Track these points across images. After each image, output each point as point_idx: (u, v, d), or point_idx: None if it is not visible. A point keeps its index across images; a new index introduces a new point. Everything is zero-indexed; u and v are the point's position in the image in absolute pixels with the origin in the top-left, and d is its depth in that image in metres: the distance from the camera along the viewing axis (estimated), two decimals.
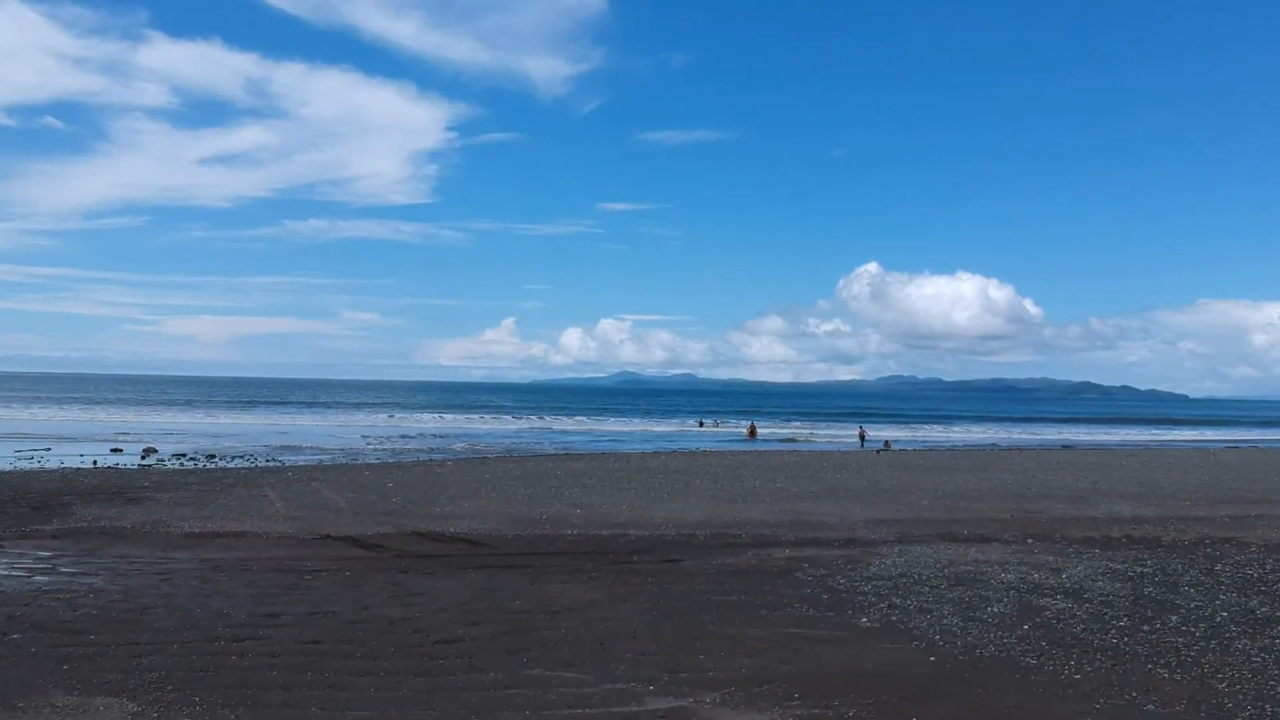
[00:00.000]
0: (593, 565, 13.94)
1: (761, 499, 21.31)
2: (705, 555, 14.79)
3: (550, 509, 19.22)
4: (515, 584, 12.48)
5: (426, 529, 16.97)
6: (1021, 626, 10.26)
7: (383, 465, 32.43)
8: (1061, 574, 13.38)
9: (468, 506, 19.54)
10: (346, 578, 12.89)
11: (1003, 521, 18.52)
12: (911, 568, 13.77)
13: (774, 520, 18.14)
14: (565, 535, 16.49)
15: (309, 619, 10.45)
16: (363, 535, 16.37)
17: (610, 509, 19.38)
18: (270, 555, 14.70)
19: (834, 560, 14.30)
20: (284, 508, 19.34)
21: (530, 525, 17.38)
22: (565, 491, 22.41)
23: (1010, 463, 35.86)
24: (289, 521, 17.73)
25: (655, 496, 21.49)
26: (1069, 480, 26.89)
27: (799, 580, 12.75)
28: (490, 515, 18.45)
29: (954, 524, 18.22)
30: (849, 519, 18.42)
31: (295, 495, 21.46)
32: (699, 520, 18.11)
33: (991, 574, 13.32)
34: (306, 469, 29.87)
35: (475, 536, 16.38)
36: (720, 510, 19.40)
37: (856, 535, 16.88)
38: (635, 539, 16.28)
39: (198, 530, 16.82)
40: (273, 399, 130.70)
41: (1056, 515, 19.36)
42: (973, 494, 22.74)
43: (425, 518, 18.13)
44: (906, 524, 18.11)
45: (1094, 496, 22.40)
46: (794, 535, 16.75)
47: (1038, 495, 22.49)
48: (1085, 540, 16.96)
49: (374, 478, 26.23)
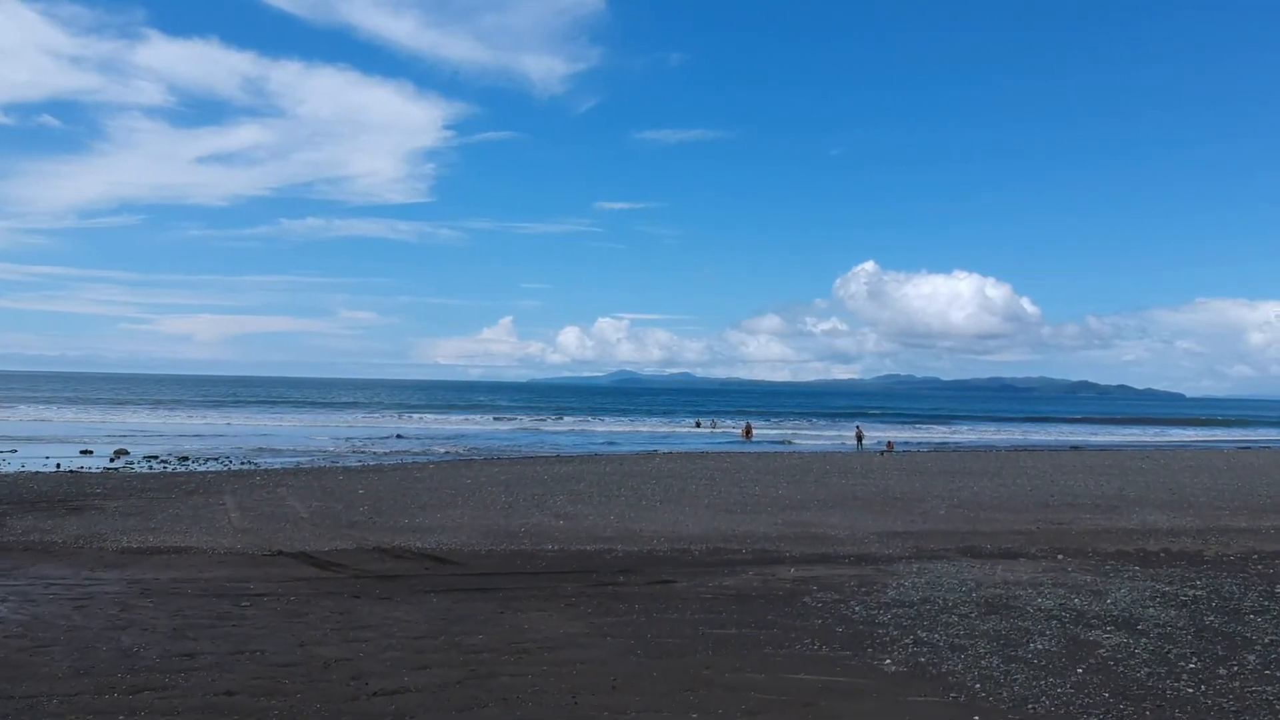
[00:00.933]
0: (573, 588, 12.37)
1: (762, 508, 19.74)
2: (700, 575, 13.23)
3: (530, 520, 17.64)
4: (482, 612, 10.91)
5: (391, 544, 15.38)
6: (1075, 670, 8.70)
7: (360, 469, 30.84)
8: (1105, 598, 11.83)
9: (440, 517, 17.95)
10: (289, 604, 11.32)
11: (1028, 534, 16.97)
12: (934, 590, 12.22)
13: (777, 533, 16.57)
14: (545, 551, 14.92)
15: (230, 660, 8.87)
16: (319, 551, 14.79)
17: (596, 520, 17.81)
18: (210, 576, 13.14)
19: (846, 582, 12.74)
20: (238, 518, 17.75)
21: (507, 539, 15.80)
22: (549, 499, 20.82)
23: (1023, 466, 34.33)
24: (240, 535, 16.14)
25: (646, 505, 19.91)
26: (1091, 486, 25.34)
27: (808, 608, 11.18)
28: (464, 527, 16.86)
29: (975, 536, 16.66)
30: (859, 531, 16.86)
31: (255, 504, 19.86)
32: (694, 533, 16.54)
33: (1026, 598, 11.77)
34: (277, 473, 28.27)
35: (444, 552, 14.81)
36: (717, 521, 17.82)
37: (869, 550, 15.33)
38: (623, 555, 14.72)
39: (136, 545, 15.23)
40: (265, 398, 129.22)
41: (1086, 526, 17.81)
42: (991, 502, 21.17)
43: (392, 530, 16.55)
44: (922, 537, 16.55)
45: (1123, 504, 20.85)
46: (799, 550, 15.19)
47: (1062, 503, 20.94)
48: (1120, 555, 15.43)
49: (346, 483, 24.64)
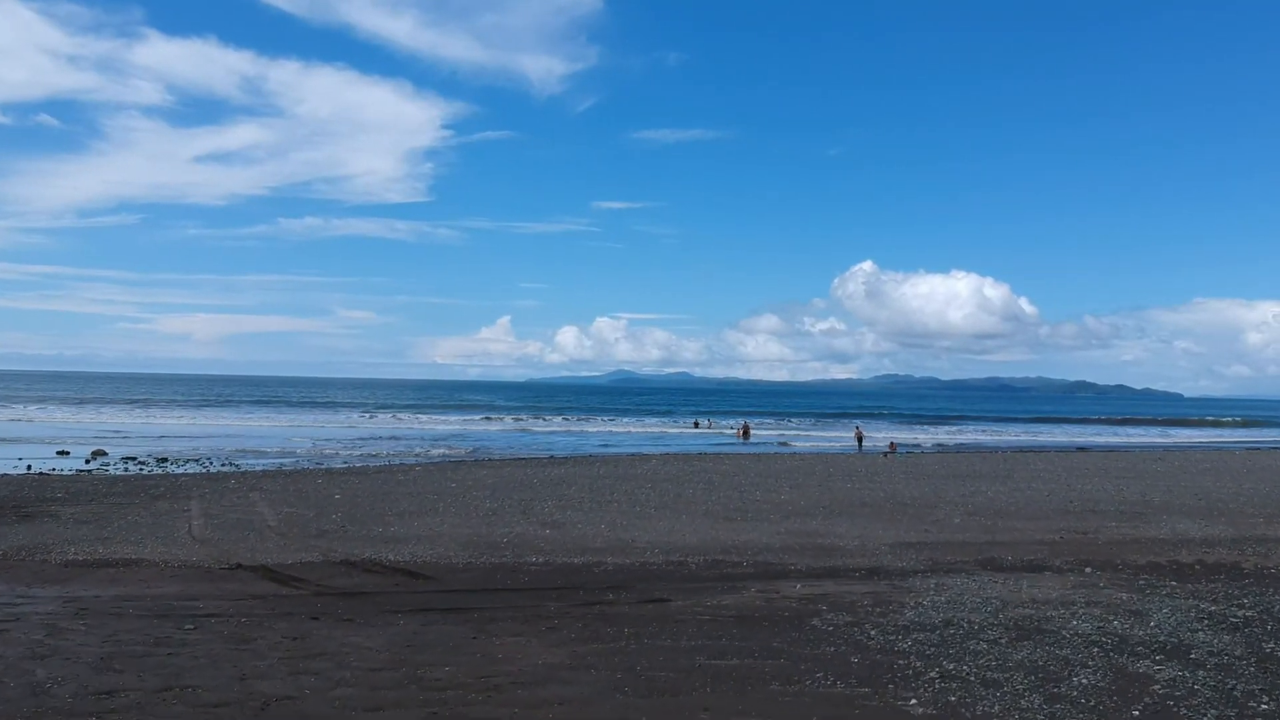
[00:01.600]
0: (556, 607, 11.25)
1: (764, 515, 18.61)
2: (698, 592, 12.11)
3: (515, 528, 16.50)
4: (452, 637, 9.78)
5: (361, 556, 14.24)
6: (1129, 712, 7.59)
7: (342, 472, 29.70)
8: (1147, 620, 10.72)
9: (418, 525, 16.81)
10: (238, 628, 10.19)
11: (1051, 544, 15.86)
12: (956, 611, 11.10)
13: (780, 543, 15.44)
14: (528, 564, 13.79)
15: (154, 700, 7.74)
16: (281, 565, 13.65)
17: (586, 529, 16.67)
18: (157, 593, 12.02)
19: (859, 600, 11.62)
20: (201, 526, 16.60)
21: (488, 551, 14.66)
22: (537, 505, 19.69)
23: (1035, 469, 33.23)
24: (199, 545, 15.00)
25: (640, 512, 18.78)
26: (1112, 490, 24.24)
27: (818, 632, 10.06)
28: (442, 537, 15.73)
29: (994, 547, 15.55)
30: (870, 542, 15.74)
31: (222, 510, 18.72)
32: (691, 543, 15.41)
33: (1059, 620, 10.66)
34: (254, 476, 27.13)
35: (418, 566, 13.67)
36: (716, 530, 16.69)
37: (881, 563, 14.21)
38: (613, 569, 13.59)
39: (84, 558, 14.10)
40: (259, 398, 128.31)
41: (1112, 536, 16.70)
42: (1008, 508, 20.06)
43: (364, 540, 15.41)
44: (938, 548, 15.44)
45: (1149, 511, 19.74)
46: (806, 564, 14.07)
47: (1084, 510, 19.82)
48: (1153, 568, 14.34)
49: (324, 487, 23.51)
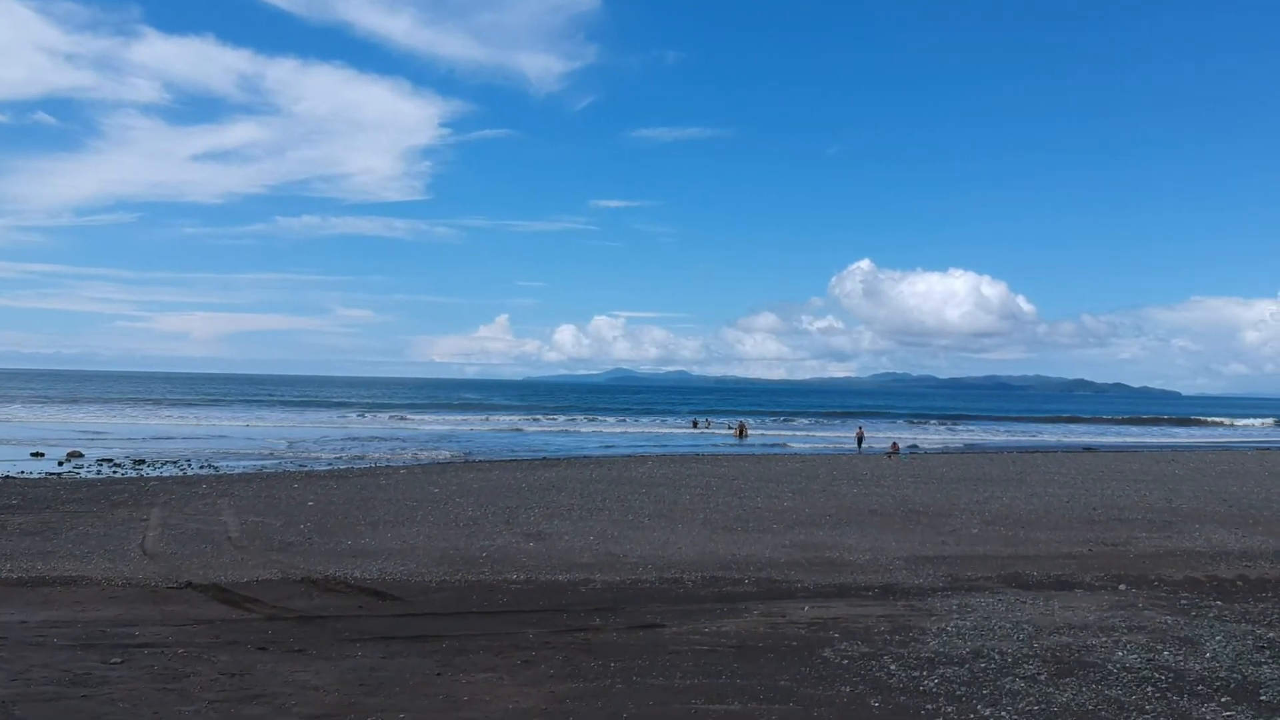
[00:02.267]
0: (536, 635, 10.09)
1: (767, 524, 17.45)
2: (694, 615, 10.95)
3: (496, 541, 15.33)
4: (415, 672, 8.62)
5: (325, 573, 13.06)
6: None
7: (323, 475, 28.51)
8: (1201, 650, 9.57)
9: (391, 537, 15.64)
10: (172, 661, 9.02)
11: (1079, 558, 14.71)
12: (985, 638, 9.95)
13: (786, 558, 14.28)
14: (508, 583, 12.61)
15: None
16: (235, 583, 12.48)
17: (574, 540, 15.50)
18: (92, 617, 10.85)
19: (874, 626, 10.46)
20: (155, 539, 15.42)
21: (465, 567, 13.49)
22: (522, 513, 18.51)
23: (1047, 471, 32.09)
24: (150, 561, 13.82)
25: (633, 521, 17.61)
26: (1134, 496, 23.08)
27: (830, 666, 8.89)
28: (416, 551, 14.55)
29: (1018, 561, 14.39)
30: (882, 555, 14.58)
31: (184, 519, 17.53)
32: (687, 558, 14.24)
33: (1101, 650, 9.50)
34: (228, 480, 25.94)
35: (387, 584, 12.50)
36: (715, 542, 15.53)
37: (896, 580, 13.06)
38: (601, 588, 12.42)
39: (18, 575, 12.94)
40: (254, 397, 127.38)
41: (1144, 548, 15.56)
42: (1028, 517, 18.90)
43: (330, 555, 14.23)
44: (957, 562, 14.28)
45: (1178, 520, 18.59)
46: (813, 581, 12.91)
47: (1108, 518, 18.67)
48: (1191, 584, 13.21)
49: (300, 492, 22.32)
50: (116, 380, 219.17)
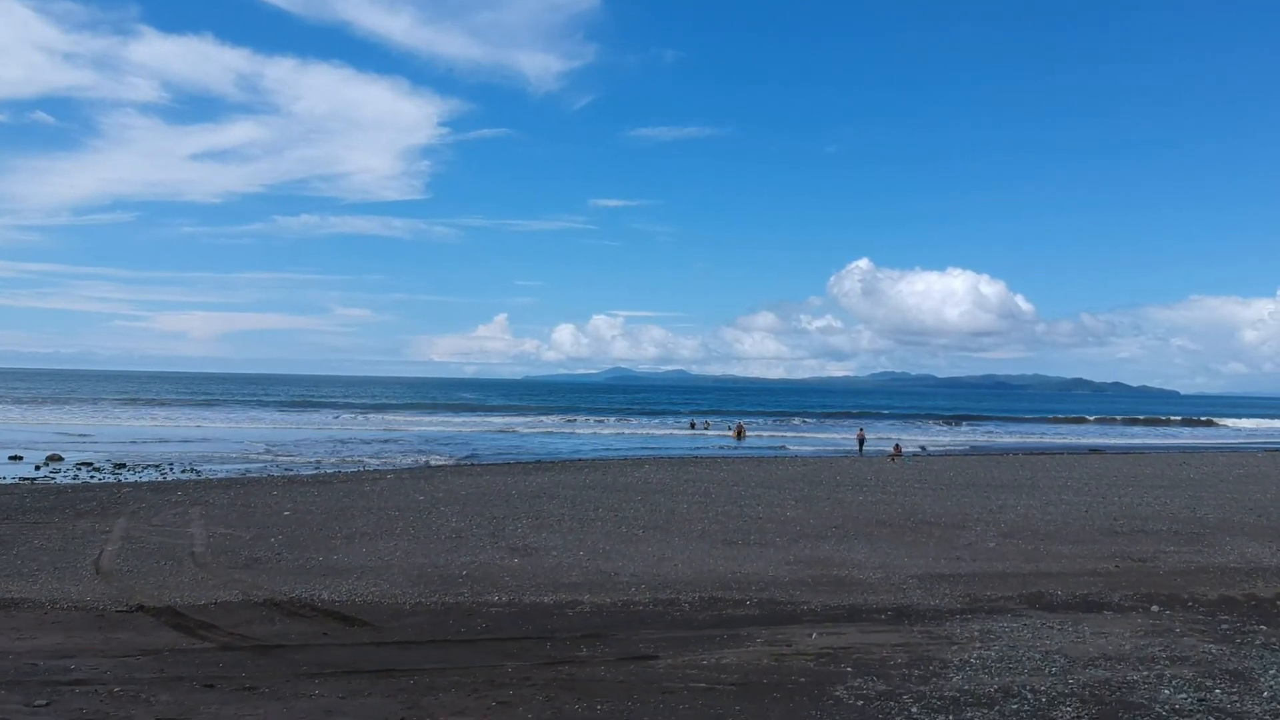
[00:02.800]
0: (515, 669, 9.14)
1: (769, 537, 16.50)
2: (691, 644, 10.00)
3: (479, 557, 14.37)
4: (375, 717, 7.66)
5: (290, 593, 12.10)
6: None
7: (306, 480, 27.54)
8: (1256, 686, 8.65)
9: (367, 552, 14.67)
10: (105, 702, 8.10)
11: (1106, 575, 13.77)
12: (1013, 671, 9.02)
13: (790, 576, 13.32)
14: (488, 606, 11.66)
15: None
16: (191, 606, 11.52)
17: (562, 556, 14.54)
18: (29, 647, 9.93)
19: (890, 657, 9.51)
20: (112, 554, 14.45)
21: (443, 586, 12.53)
22: (509, 525, 17.54)
23: (1059, 476, 31.15)
24: (102, 580, 12.86)
25: (627, 533, 16.65)
26: (1154, 504, 22.14)
27: (843, 708, 7.97)
28: (392, 569, 13.59)
29: (1040, 579, 13.45)
30: (894, 572, 13.63)
31: (148, 531, 16.56)
32: (684, 576, 13.29)
33: (1145, 687, 8.57)
34: (206, 486, 24.98)
35: (357, 607, 11.55)
36: (714, 557, 14.57)
37: (910, 601, 12.11)
38: (590, 611, 11.47)
39: None
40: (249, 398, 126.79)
41: (1173, 564, 14.62)
42: (1045, 528, 17.95)
43: (299, 573, 13.26)
44: (974, 580, 13.33)
45: (1206, 531, 17.65)
46: (820, 603, 11.97)
47: (1131, 529, 17.72)
48: (1229, 605, 12.30)
49: (277, 500, 21.35)
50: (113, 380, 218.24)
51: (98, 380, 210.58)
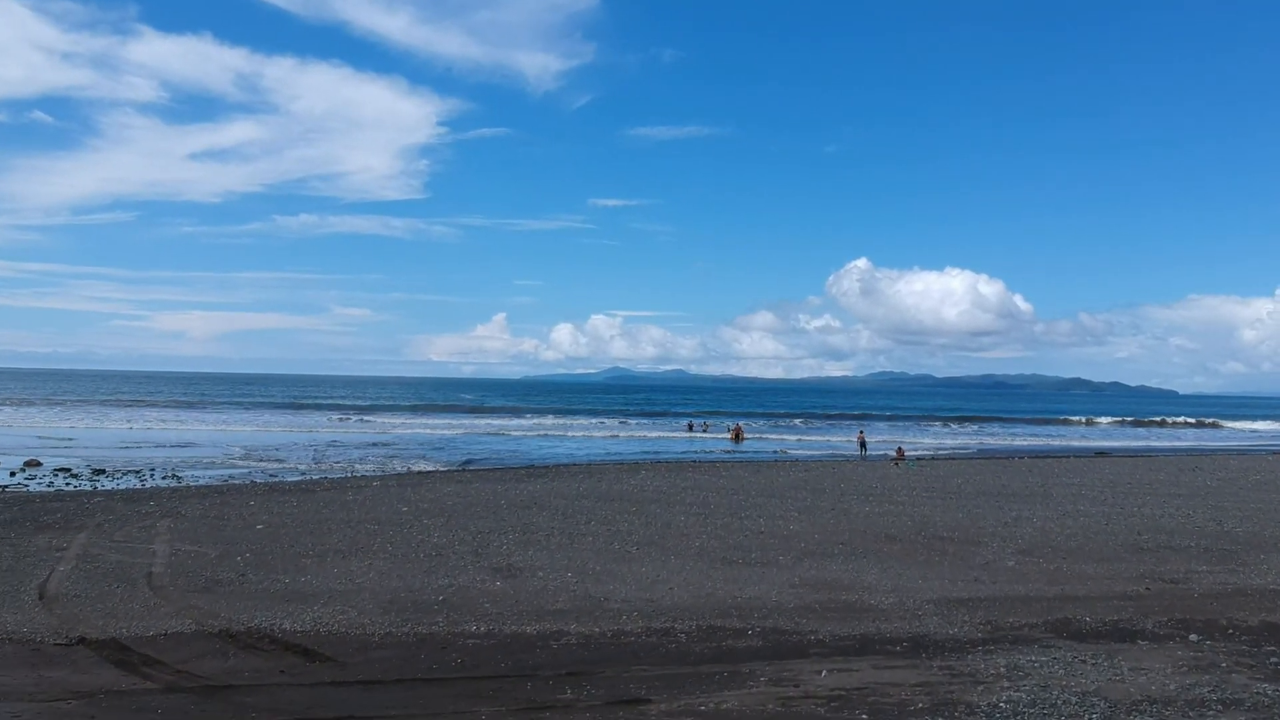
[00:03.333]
0: (490, 713, 8.19)
1: (772, 555, 15.51)
2: (688, 684, 9.02)
3: (459, 579, 13.37)
4: None
5: (249, 623, 11.10)
6: None
7: (288, 488, 26.54)
8: None
9: (338, 573, 13.67)
10: None
11: (1137, 599, 12.79)
12: (1049, 718, 8.02)
13: (795, 601, 12.33)
14: (465, 637, 10.67)
15: None
16: (139, 638, 10.53)
17: (549, 577, 13.55)
18: None
19: (910, 699, 8.54)
20: (63, 576, 13.44)
21: (416, 615, 11.53)
22: (494, 540, 16.54)
23: (1071, 484, 30.17)
24: (44, 608, 11.85)
25: (620, 551, 15.65)
26: (1176, 515, 21.15)
27: None
28: (364, 593, 12.59)
29: (1066, 604, 12.47)
30: (908, 596, 12.64)
31: (109, 548, 15.55)
32: (680, 601, 12.30)
33: None
34: (182, 495, 23.96)
35: (320, 639, 10.55)
36: (712, 579, 13.58)
37: (927, 630, 11.13)
38: (576, 643, 10.48)
39: None
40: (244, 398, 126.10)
41: (1207, 585, 13.64)
42: (1065, 543, 16.96)
43: (262, 597, 12.26)
44: (995, 605, 12.35)
45: (1237, 548, 16.67)
46: (829, 632, 10.98)
47: (1156, 544, 16.74)
48: (1271, 633, 11.39)
49: (254, 511, 20.35)
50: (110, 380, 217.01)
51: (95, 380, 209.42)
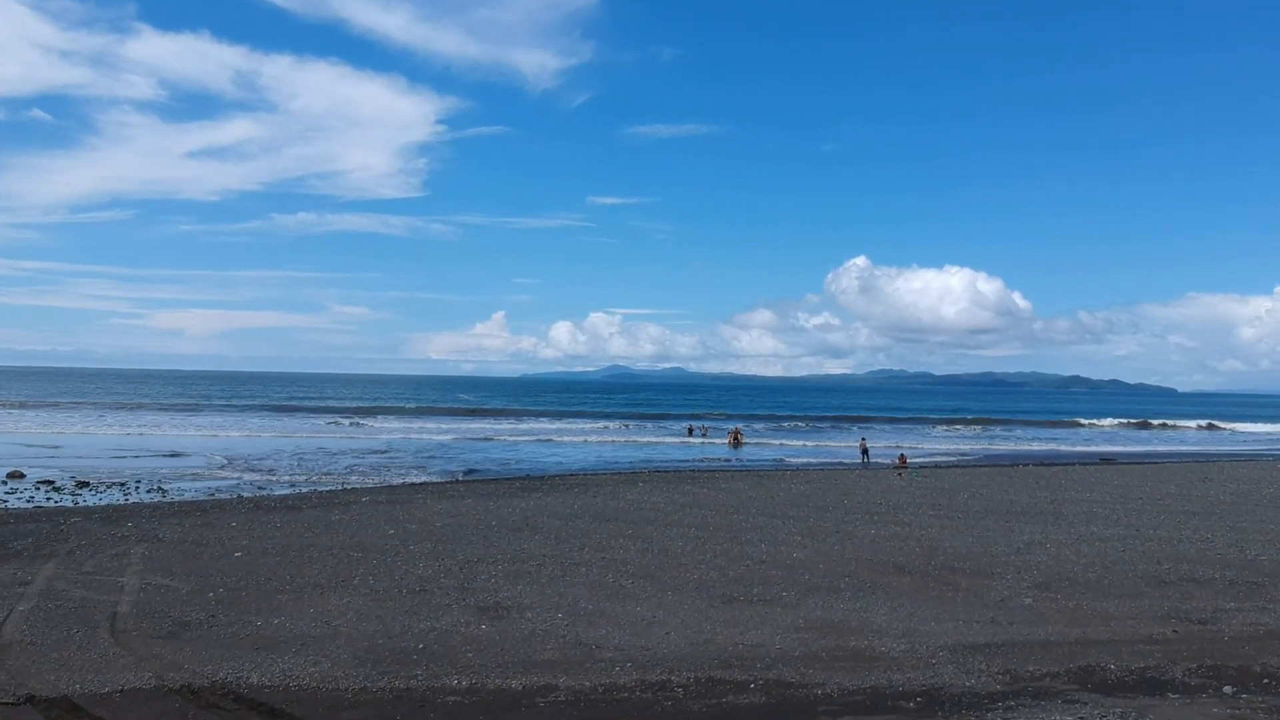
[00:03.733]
0: None
1: (774, 590, 14.75)
2: None
3: (442, 621, 12.60)
4: None
5: (214, 676, 10.33)
6: None
7: (273, 504, 25.77)
8: None
9: (314, 613, 12.90)
10: None
11: (1164, 643, 12.03)
12: None
13: (800, 648, 11.57)
14: (446, 693, 9.90)
15: None
16: (92, 696, 9.76)
17: (538, 619, 12.78)
18: None
19: None
20: (21, 617, 12.67)
21: (394, 666, 10.77)
22: (483, 571, 15.77)
23: (1081, 497, 29.43)
24: None
25: (614, 584, 14.88)
26: (1195, 539, 20.39)
27: None
28: (339, 638, 11.82)
29: (1089, 649, 11.72)
30: (920, 641, 11.88)
31: (74, 582, 14.78)
32: (677, 648, 11.54)
33: None
34: (160, 514, 23.20)
35: (289, 696, 9.78)
36: (712, 621, 12.82)
37: (942, 682, 10.37)
38: (565, 699, 9.73)
39: None
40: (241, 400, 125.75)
41: (1237, 626, 12.89)
42: (1084, 575, 16.19)
43: (230, 645, 11.49)
44: (1015, 651, 11.59)
45: (1264, 580, 15.89)
46: (837, 684, 10.22)
47: (1179, 576, 15.97)
48: None
49: (235, 534, 19.60)
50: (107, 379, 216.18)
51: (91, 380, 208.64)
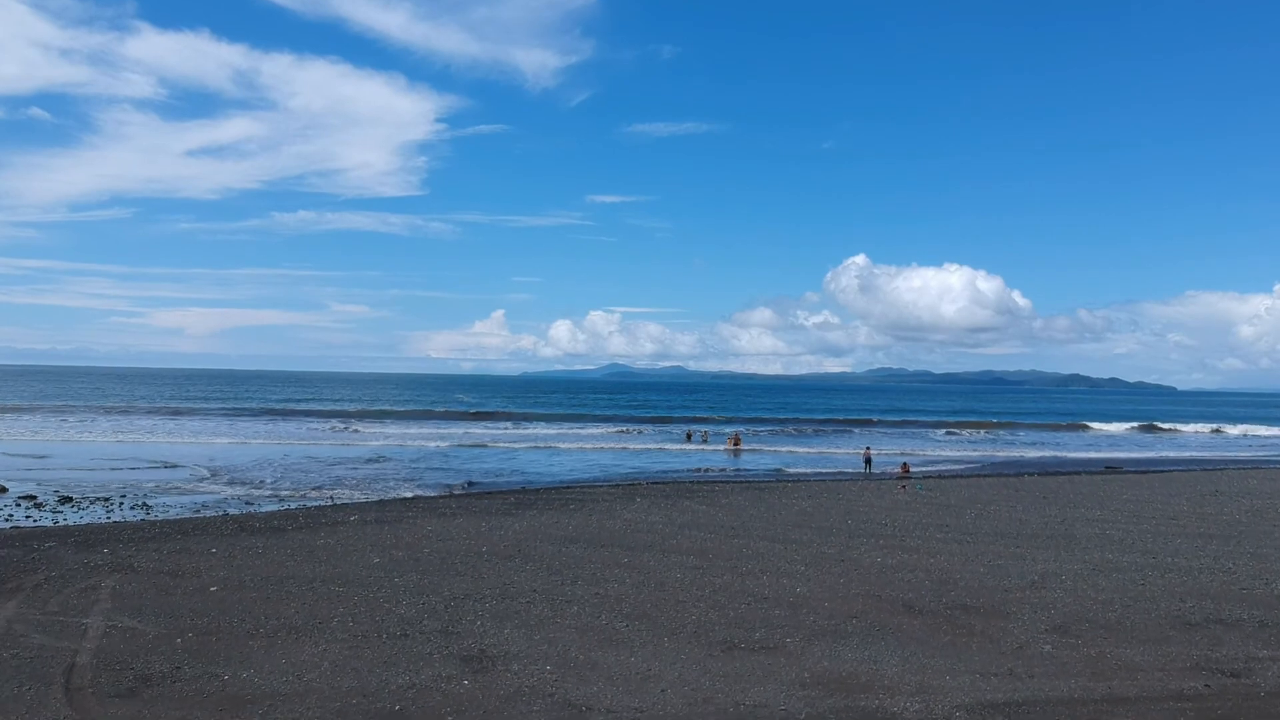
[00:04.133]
0: None
1: (778, 635, 13.93)
2: None
3: (422, 674, 11.78)
4: None
5: None
6: None
7: (258, 525, 24.95)
8: None
9: (286, 663, 12.08)
10: None
11: (1196, 700, 11.22)
12: None
13: (805, 708, 10.76)
14: None
15: None
16: None
17: (523, 674, 11.96)
18: None
19: None
20: None
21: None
22: (468, 611, 14.95)
23: (1093, 517, 28.65)
24: None
25: (607, 627, 14.06)
26: (1214, 566, 19.57)
27: None
28: (310, 695, 11.01)
29: (1115, 707, 10.91)
30: (935, 699, 11.07)
31: (34, 623, 13.96)
32: (673, 709, 10.73)
33: None
34: (138, 539, 22.39)
35: None
36: (711, 676, 12.00)
37: None
38: None
39: None
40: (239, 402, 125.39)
41: (1272, 681, 12.09)
42: (1102, 613, 15.37)
43: (192, 703, 10.68)
44: (1036, 711, 10.79)
45: None
46: None
47: (1204, 615, 15.16)
48: None
49: (214, 562, 18.80)
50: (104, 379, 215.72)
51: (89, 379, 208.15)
